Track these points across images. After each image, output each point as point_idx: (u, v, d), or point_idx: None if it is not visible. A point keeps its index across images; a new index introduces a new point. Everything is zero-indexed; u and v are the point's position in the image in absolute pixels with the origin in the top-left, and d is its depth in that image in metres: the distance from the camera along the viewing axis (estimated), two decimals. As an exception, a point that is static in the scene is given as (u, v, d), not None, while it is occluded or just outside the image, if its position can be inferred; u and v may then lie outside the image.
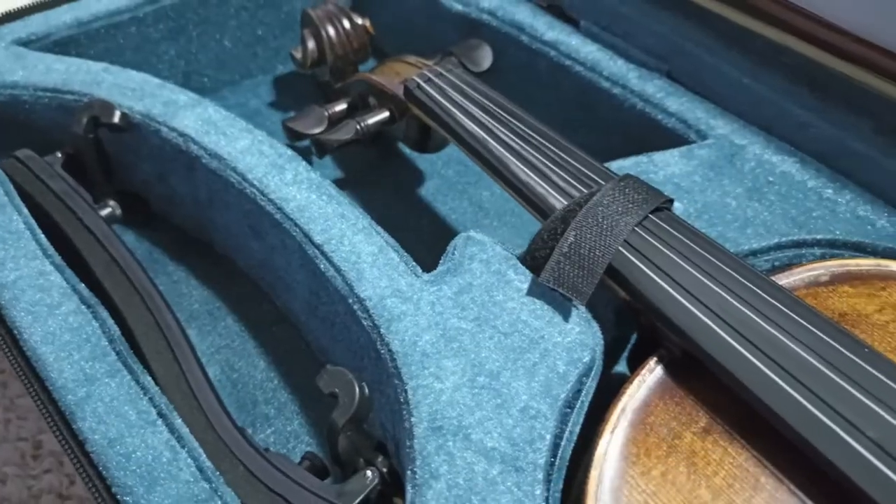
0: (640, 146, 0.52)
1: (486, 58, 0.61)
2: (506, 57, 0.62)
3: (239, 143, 0.49)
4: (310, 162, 0.49)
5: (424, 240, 0.59)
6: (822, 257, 0.46)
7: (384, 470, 0.38)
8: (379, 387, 0.41)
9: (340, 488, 0.37)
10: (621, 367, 0.47)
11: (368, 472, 0.37)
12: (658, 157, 0.50)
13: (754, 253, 0.45)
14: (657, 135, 0.54)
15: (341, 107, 0.61)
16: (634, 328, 0.44)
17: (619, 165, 0.49)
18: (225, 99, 0.70)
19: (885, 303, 0.42)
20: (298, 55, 0.64)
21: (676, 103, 0.54)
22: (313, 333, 0.50)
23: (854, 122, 0.50)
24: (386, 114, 0.57)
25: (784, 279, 0.42)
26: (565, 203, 0.43)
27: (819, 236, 0.46)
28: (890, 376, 0.33)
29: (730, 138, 0.52)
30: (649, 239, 0.40)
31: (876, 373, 0.34)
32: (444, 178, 0.65)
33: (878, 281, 0.43)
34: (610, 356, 0.44)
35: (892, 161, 0.48)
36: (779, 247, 0.46)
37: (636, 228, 0.41)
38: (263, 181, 0.47)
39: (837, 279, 0.43)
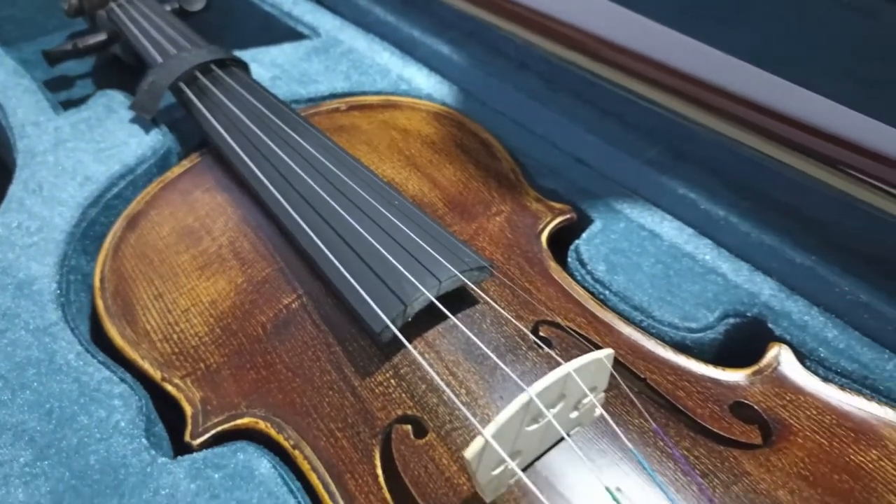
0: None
1: (199, 1, 0.81)
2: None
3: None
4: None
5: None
6: (368, 104, 0.64)
7: None
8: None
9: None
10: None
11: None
12: (274, 48, 0.69)
13: (312, 100, 0.63)
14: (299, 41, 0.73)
15: (89, 37, 0.80)
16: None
17: (241, 54, 0.67)
18: (20, 50, 0.89)
19: (374, 119, 0.60)
20: (65, 6, 0.84)
21: (312, 18, 0.73)
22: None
23: (427, 22, 0.69)
24: (104, 35, 0.76)
25: (314, 109, 0.61)
26: (166, 66, 0.61)
27: (368, 89, 0.64)
28: (319, 150, 0.51)
29: (335, 36, 0.70)
30: (206, 81, 0.59)
31: (308, 146, 0.51)
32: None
33: (380, 107, 0.61)
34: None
35: (419, 31, 0.67)
36: (332, 95, 0.64)
37: (201, 76, 0.59)
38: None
39: (352, 108, 0.61)
